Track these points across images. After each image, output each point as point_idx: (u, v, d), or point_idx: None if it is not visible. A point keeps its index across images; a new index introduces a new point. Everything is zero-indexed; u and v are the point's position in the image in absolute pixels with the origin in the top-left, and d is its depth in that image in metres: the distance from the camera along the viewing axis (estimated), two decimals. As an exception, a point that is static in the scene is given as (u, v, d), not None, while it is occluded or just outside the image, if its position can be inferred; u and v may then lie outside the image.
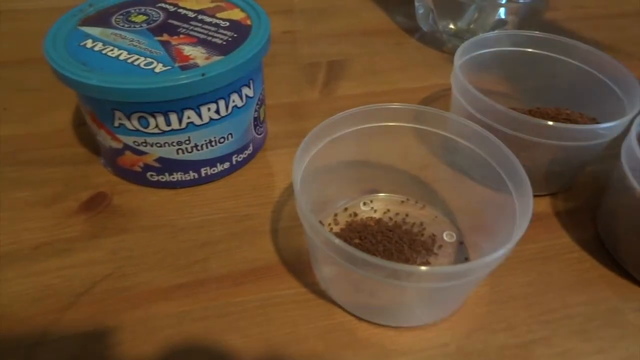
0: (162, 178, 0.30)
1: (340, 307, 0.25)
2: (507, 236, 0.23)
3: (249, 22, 0.30)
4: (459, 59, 0.31)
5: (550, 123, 0.26)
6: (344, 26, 0.49)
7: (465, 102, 0.29)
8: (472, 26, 0.45)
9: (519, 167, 0.24)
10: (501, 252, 0.20)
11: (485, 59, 0.34)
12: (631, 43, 0.48)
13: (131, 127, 0.27)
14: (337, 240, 0.20)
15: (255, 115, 0.31)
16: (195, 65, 0.26)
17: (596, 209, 0.30)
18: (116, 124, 0.27)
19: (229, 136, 0.29)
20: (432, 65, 0.44)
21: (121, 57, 0.27)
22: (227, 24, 0.30)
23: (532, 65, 0.35)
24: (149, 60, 0.26)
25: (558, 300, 0.26)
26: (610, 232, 0.28)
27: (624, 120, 0.27)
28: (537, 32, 0.34)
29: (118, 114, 0.26)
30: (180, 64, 0.26)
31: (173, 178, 0.30)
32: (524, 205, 0.22)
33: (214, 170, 0.30)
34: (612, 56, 0.32)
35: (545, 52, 0.34)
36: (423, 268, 0.20)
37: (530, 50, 0.34)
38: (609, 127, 0.27)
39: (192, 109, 0.27)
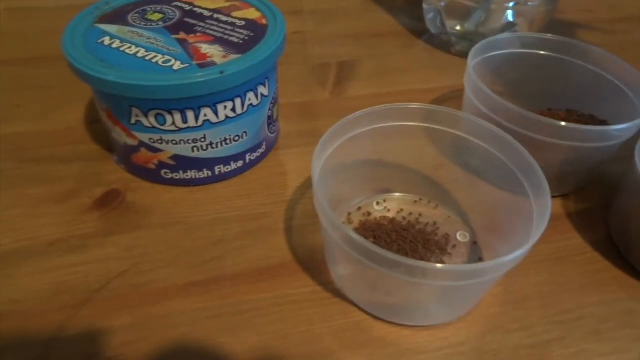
0: (176, 176, 0.30)
1: (356, 305, 0.25)
2: (521, 237, 0.23)
3: (264, 21, 0.30)
4: (472, 59, 0.32)
5: (563, 124, 0.27)
6: (352, 28, 0.49)
7: (479, 102, 0.29)
8: (480, 29, 0.45)
9: (537, 168, 0.24)
10: (519, 253, 0.20)
11: (497, 60, 0.35)
12: (638, 47, 0.48)
13: (148, 124, 0.27)
14: (355, 236, 0.20)
15: (269, 114, 0.31)
16: (213, 64, 0.26)
17: (608, 210, 0.31)
18: (133, 121, 0.27)
19: (244, 134, 0.30)
20: (440, 67, 0.44)
21: (139, 55, 0.27)
22: (243, 23, 0.30)
23: (544, 67, 0.35)
24: (167, 57, 0.27)
25: (572, 301, 0.26)
26: (623, 233, 0.28)
27: (638, 122, 0.27)
28: (549, 35, 0.34)
29: (135, 110, 0.26)
30: (198, 62, 0.26)
31: (187, 176, 0.30)
32: (542, 207, 0.22)
33: (227, 169, 0.31)
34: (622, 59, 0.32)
35: (557, 55, 0.34)
36: (439, 266, 0.20)
37: (542, 52, 0.35)
38: (622, 129, 0.27)
39: (209, 106, 0.27)
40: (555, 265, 0.28)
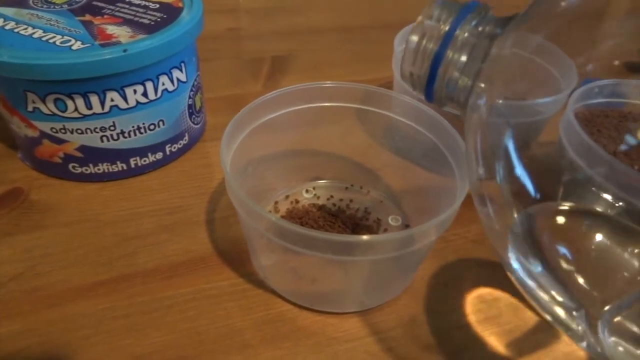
0: (86, 170, 0.27)
1: (280, 296, 0.23)
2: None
3: (180, 4, 0.29)
4: (398, 45, 0.31)
5: (490, 101, 0.26)
6: (290, 24, 0.48)
7: (404, 83, 0.29)
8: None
9: (464, 148, 0.23)
10: (443, 217, 0.20)
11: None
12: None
13: (47, 112, 0.25)
14: (274, 217, 0.19)
15: (190, 103, 0.29)
16: (118, 43, 0.24)
17: (540, 190, 0.30)
18: (30, 108, 0.25)
19: (160, 123, 0.28)
20: (377, 61, 0.44)
21: (35, 35, 0.24)
22: (157, 5, 0.28)
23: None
24: (67, 38, 0.24)
25: (506, 278, 0.25)
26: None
27: (562, 95, 0.27)
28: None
29: (31, 96, 0.24)
30: (102, 42, 0.24)
31: (98, 170, 0.27)
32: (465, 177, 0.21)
33: (144, 161, 0.28)
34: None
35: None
36: (365, 237, 0.18)
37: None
38: (547, 102, 0.27)
39: (115, 90, 0.25)
40: (488, 244, 0.27)
